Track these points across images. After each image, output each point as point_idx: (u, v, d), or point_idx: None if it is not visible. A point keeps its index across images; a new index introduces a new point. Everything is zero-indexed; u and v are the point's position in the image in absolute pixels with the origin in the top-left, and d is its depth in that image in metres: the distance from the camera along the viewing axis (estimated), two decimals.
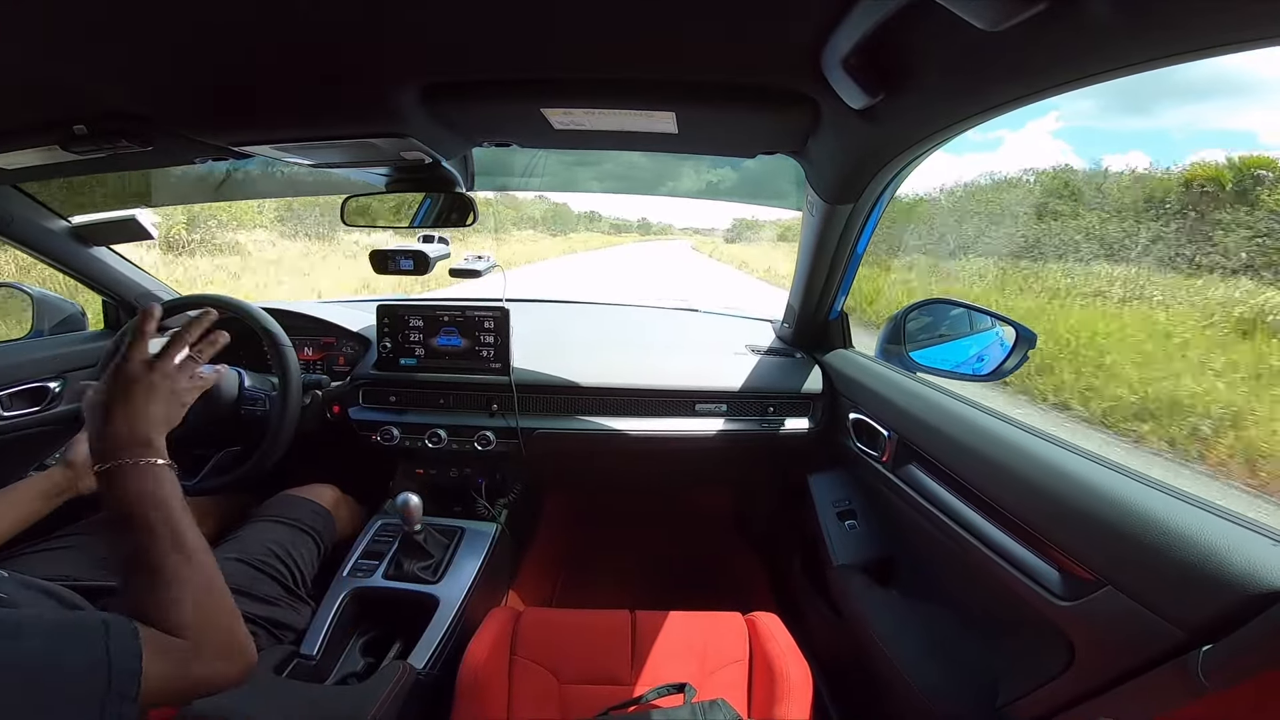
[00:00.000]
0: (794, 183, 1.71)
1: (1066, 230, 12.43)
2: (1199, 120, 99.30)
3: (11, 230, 1.39)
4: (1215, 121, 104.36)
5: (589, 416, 1.49)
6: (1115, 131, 73.25)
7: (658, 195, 2.06)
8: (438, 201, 1.27)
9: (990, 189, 15.70)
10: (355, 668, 1.19)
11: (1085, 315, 7.56)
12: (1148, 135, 70.41)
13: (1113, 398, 5.23)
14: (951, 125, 0.78)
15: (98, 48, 0.73)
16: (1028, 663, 0.82)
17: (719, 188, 1.98)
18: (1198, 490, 0.67)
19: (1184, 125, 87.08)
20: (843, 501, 1.39)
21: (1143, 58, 0.52)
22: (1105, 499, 0.70)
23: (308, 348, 1.64)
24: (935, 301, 1.48)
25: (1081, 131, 70.86)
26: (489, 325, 1.48)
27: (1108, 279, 9.22)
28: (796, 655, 1.10)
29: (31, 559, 1.00)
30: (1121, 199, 12.91)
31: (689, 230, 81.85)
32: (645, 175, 1.78)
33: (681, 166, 1.90)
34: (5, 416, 1.40)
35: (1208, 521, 0.61)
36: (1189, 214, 11.12)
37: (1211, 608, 0.56)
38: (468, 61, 0.78)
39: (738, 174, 1.78)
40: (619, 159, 1.69)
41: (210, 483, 1.22)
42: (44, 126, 0.98)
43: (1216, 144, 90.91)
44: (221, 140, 1.05)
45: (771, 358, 1.60)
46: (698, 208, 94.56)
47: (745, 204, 2.21)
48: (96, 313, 1.74)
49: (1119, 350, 6.12)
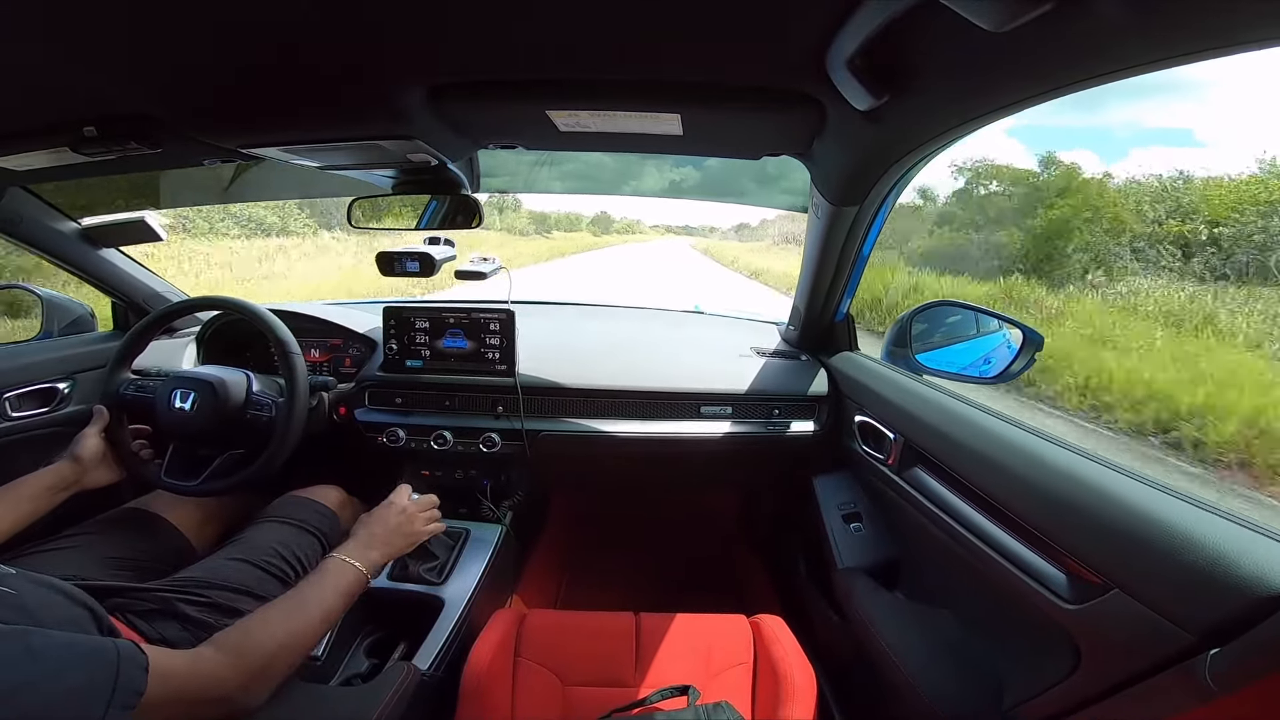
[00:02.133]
0: (755, 180, 1.73)
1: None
2: (1141, 119, 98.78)
3: (21, 231, 1.40)
4: (1155, 120, 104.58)
5: (594, 419, 1.49)
6: (1066, 129, 73.86)
7: (621, 195, 2.08)
8: (443, 204, 1.27)
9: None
10: (360, 669, 1.19)
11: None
12: (1094, 133, 70.68)
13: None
14: (957, 126, 0.78)
15: (107, 50, 0.74)
16: (1034, 666, 0.81)
17: (681, 186, 2.01)
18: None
19: (1128, 124, 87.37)
20: (848, 504, 1.38)
21: (1149, 58, 0.52)
22: (1112, 501, 0.70)
23: (314, 350, 1.65)
24: (941, 304, 1.48)
25: (1032, 130, 70.86)
26: (494, 327, 1.48)
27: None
28: (801, 658, 1.09)
29: (39, 558, 1.01)
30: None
31: (660, 227, 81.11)
32: (608, 175, 1.79)
33: (645, 165, 1.91)
34: (15, 417, 1.41)
35: (1215, 524, 0.61)
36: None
37: (1219, 611, 0.55)
38: (474, 63, 0.78)
39: (700, 173, 1.80)
40: (586, 159, 1.70)
41: (216, 484, 1.22)
42: (54, 128, 0.99)
43: (1157, 142, 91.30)
44: (230, 142, 1.06)
45: (777, 360, 1.60)
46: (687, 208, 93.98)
47: (707, 202, 2.24)
48: (106, 314, 1.76)
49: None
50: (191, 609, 0.92)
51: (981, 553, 0.90)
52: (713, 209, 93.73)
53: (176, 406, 1.22)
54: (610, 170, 1.73)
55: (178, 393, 1.23)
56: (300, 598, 0.87)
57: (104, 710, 0.51)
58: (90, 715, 0.51)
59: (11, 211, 1.35)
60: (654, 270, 20.50)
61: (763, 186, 1.77)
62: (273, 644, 0.77)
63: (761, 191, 1.79)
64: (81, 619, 0.67)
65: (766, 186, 1.75)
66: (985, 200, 14.66)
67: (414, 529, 1.12)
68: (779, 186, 1.72)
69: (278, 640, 0.78)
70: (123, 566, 1.06)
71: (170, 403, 1.23)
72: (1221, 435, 4.67)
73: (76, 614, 0.67)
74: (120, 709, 0.53)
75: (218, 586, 0.98)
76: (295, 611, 0.84)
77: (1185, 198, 11.77)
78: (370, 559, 0.99)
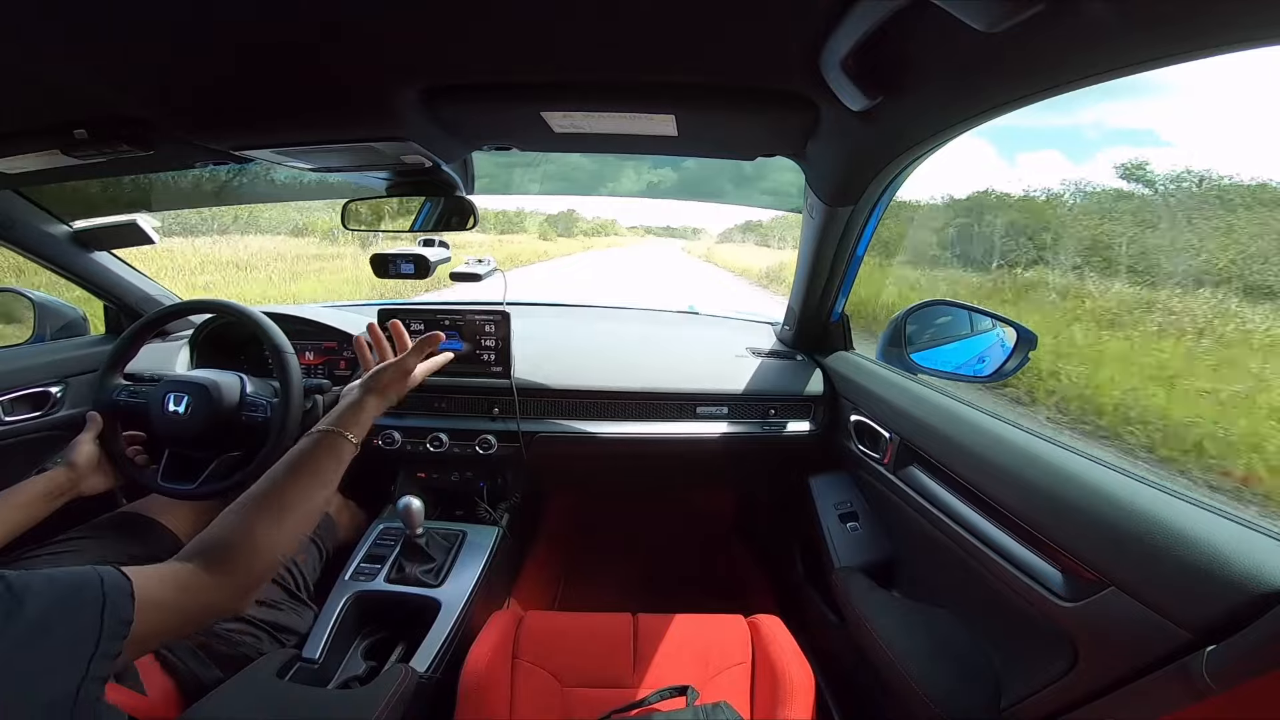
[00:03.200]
0: (733, 181, 1.75)
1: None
2: (1109, 119, 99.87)
3: (12, 234, 1.39)
4: (1122, 121, 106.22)
5: (590, 420, 1.49)
6: (1036, 129, 74.87)
7: (599, 196, 2.09)
8: (438, 205, 1.27)
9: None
10: (358, 671, 1.18)
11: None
12: (1064, 133, 71.46)
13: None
14: (951, 127, 0.78)
15: (98, 51, 0.73)
16: (1031, 664, 0.81)
17: (660, 187, 2.02)
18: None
19: (1096, 124, 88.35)
20: (844, 503, 1.39)
21: (1140, 58, 0.52)
22: (1108, 499, 0.70)
23: (309, 352, 1.64)
24: (936, 303, 1.48)
25: (1003, 130, 71.68)
26: (490, 329, 1.48)
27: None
28: (799, 657, 1.09)
29: (34, 563, 1.00)
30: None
31: (640, 228, 79.72)
32: (585, 176, 1.79)
33: (623, 166, 1.92)
34: (7, 421, 1.40)
35: (1212, 522, 0.61)
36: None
37: (1215, 608, 0.56)
38: (468, 65, 0.78)
39: (678, 174, 1.82)
40: (563, 160, 1.68)
41: (213, 487, 1.21)
42: (45, 131, 0.98)
43: (1124, 142, 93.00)
44: (222, 144, 1.05)
45: (773, 360, 1.60)
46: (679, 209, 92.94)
47: (685, 201, 2.27)
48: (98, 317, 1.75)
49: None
50: None
51: (978, 551, 0.90)
52: (708, 209, 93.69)
53: (171, 410, 1.22)
54: (587, 171, 1.73)
55: (171, 396, 1.23)
56: (279, 490, 0.78)
57: (94, 645, 0.49)
58: (80, 650, 0.48)
59: (2, 214, 1.34)
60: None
61: (740, 187, 1.81)
62: (256, 548, 0.71)
63: (739, 192, 1.83)
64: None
65: (744, 187, 1.78)
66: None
67: (407, 366, 1.00)
68: (758, 187, 1.76)
69: (263, 545, 0.72)
70: None
71: (164, 406, 1.22)
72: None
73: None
74: (111, 639, 0.50)
75: None
76: (278, 507, 0.76)
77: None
78: (362, 419, 0.90)
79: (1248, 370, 4.48)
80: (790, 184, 1.61)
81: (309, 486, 0.79)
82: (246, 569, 0.69)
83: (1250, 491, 3.24)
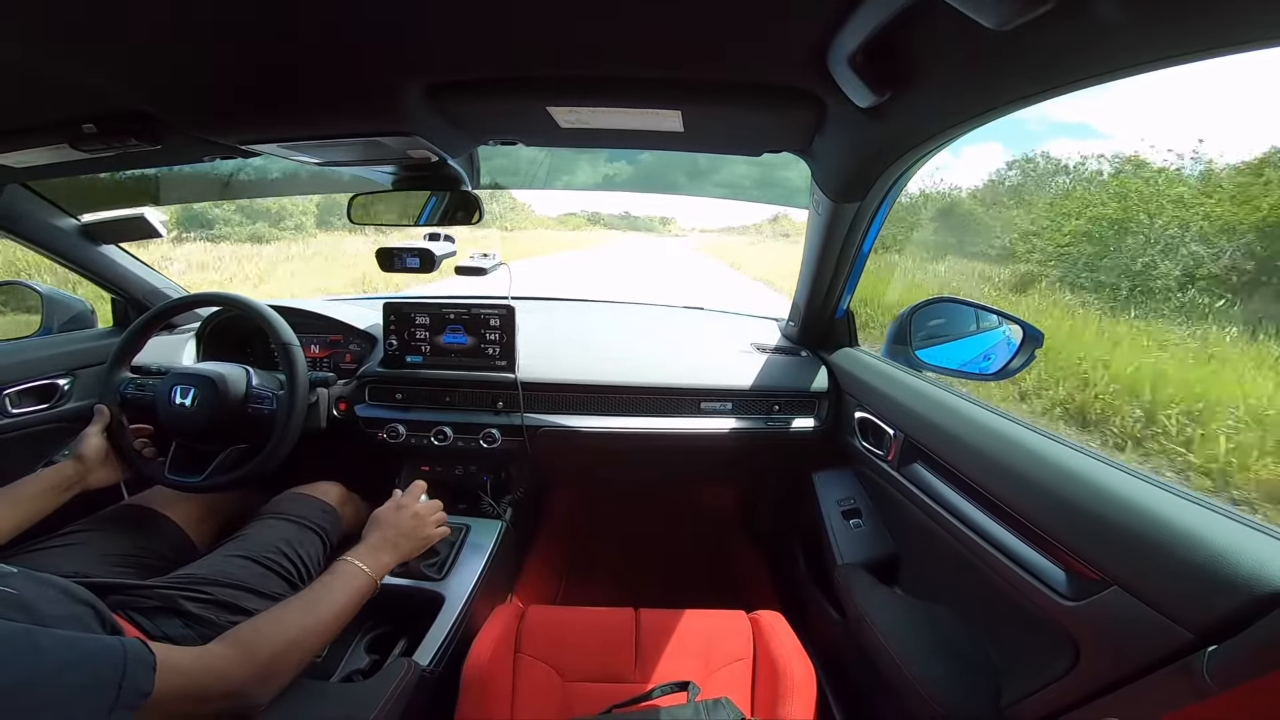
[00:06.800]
0: (687, 174, 1.83)
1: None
2: (1050, 113, 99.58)
3: (21, 228, 1.40)
4: (1061, 115, 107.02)
5: (594, 414, 1.49)
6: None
7: (554, 189, 2.13)
8: (443, 199, 1.27)
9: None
10: (360, 665, 1.19)
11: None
12: (1007, 126, 70.93)
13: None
14: (958, 124, 0.78)
15: (106, 47, 0.73)
16: (1033, 662, 0.81)
17: (615, 180, 2.10)
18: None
19: (1039, 117, 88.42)
20: (847, 500, 1.39)
21: (1150, 57, 0.52)
22: (1111, 498, 0.70)
23: (314, 345, 1.65)
24: (941, 300, 1.47)
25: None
26: (495, 323, 1.48)
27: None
28: (800, 654, 1.10)
29: (40, 555, 1.01)
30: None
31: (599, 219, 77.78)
32: (539, 170, 1.79)
33: (578, 160, 1.95)
34: (15, 413, 1.41)
35: (1215, 521, 0.61)
36: None
37: (1218, 608, 0.55)
38: (474, 60, 0.78)
39: (633, 167, 1.89)
40: (516, 154, 1.66)
41: (217, 480, 1.22)
42: (53, 125, 0.99)
43: (1063, 135, 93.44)
44: (229, 139, 1.05)
45: (778, 356, 1.60)
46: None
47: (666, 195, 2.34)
48: (105, 311, 1.76)
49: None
50: (194, 606, 0.92)
51: (981, 549, 0.90)
52: (704, 206, 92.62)
53: (177, 403, 1.23)
54: (541, 165, 1.73)
55: (178, 389, 1.23)
56: (311, 597, 0.88)
57: (108, 712, 0.51)
58: (93, 716, 0.51)
59: (11, 208, 1.35)
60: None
61: (694, 180, 1.87)
62: (283, 642, 0.78)
63: (693, 184, 1.90)
64: (84, 616, 0.67)
65: (698, 179, 1.84)
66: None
67: (425, 533, 1.13)
68: (711, 179, 1.83)
69: (289, 638, 0.79)
70: (124, 563, 1.06)
71: (171, 399, 1.23)
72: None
73: (78, 611, 0.67)
74: (125, 710, 0.53)
75: (220, 584, 0.98)
76: (306, 611, 0.85)
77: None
78: (380, 562, 1.01)
79: None
80: (743, 176, 1.67)
81: (343, 590, 0.93)
82: (270, 653, 0.76)
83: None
